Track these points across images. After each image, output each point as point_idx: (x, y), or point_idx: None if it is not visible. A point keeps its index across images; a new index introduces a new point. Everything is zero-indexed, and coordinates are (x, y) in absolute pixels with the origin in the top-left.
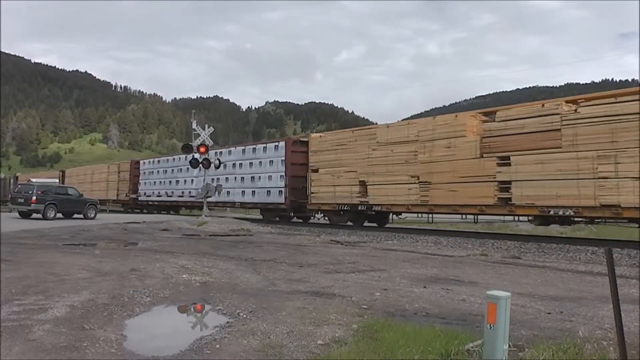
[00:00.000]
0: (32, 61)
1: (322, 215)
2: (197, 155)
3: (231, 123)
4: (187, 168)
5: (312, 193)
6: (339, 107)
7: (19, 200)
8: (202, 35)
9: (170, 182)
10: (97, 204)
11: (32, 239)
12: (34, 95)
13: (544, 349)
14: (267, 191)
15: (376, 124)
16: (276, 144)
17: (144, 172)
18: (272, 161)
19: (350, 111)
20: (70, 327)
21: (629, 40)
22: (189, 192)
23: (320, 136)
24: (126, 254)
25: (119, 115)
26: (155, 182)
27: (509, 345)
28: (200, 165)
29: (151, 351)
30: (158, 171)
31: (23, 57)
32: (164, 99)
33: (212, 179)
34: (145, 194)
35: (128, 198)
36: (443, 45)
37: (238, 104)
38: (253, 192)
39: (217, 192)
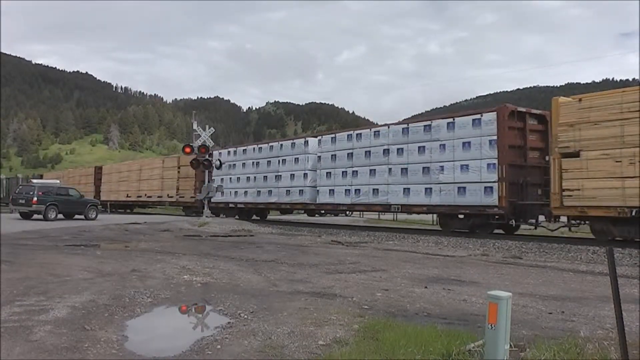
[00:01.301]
0: (33, 62)
1: (566, 222)
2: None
3: (232, 123)
4: (296, 159)
5: (567, 190)
6: (340, 107)
7: (20, 201)
8: (204, 35)
9: (265, 177)
10: (98, 205)
11: (33, 240)
12: (35, 97)
13: (545, 349)
14: (460, 188)
15: (377, 124)
16: (476, 117)
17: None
18: (469, 143)
19: (350, 111)
20: (71, 327)
21: (630, 40)
22: (300, 191)
23: (581, 100)
24: (127, 254)
25: (120, 116)
26: (239, 177)
27: (510, 345)
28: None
29: (152, 352)
30: (244, 164)
31: (23, 59)
32: (164, 99)
33: (344, 172)
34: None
35: (194, 200)
36: (444, 44)
37: (239, 105)
38: (427, 189)
39: (217, 193)
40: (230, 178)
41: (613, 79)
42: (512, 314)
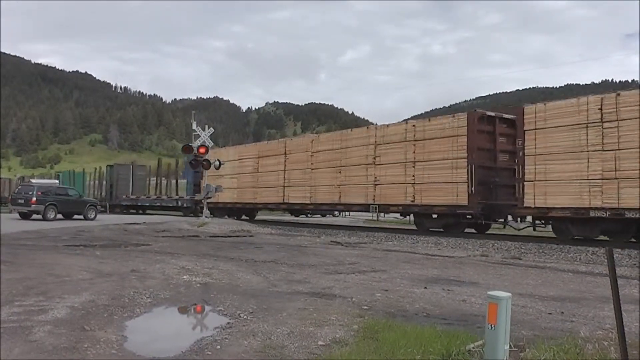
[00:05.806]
0: (32, 62)
1: None
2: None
3: (231, 124)
4: None
5: None
6: (339, 108)
7: (19, 201)
8: (207, 35)
9: None
10: (97, 205)
11: (32, 240)
12: (34, 96)
13: (545, 349)
14: None
15: (377, 124)
16: None
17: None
18: None
19: (350, 112)
20: (70, 328)
21: (635, 40)
22: None
23: None
24: (126, 255)
25: (119, 116)
26: None
27: (510, 345)
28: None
29: (152, 352)
30: None
31: (23, 58)
32: (164, 99)
33: None
34: None
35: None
36: (449, 45)
37: (238, 105)
38: None
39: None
40: None
41: (613, 79)
42: (512, 314)
